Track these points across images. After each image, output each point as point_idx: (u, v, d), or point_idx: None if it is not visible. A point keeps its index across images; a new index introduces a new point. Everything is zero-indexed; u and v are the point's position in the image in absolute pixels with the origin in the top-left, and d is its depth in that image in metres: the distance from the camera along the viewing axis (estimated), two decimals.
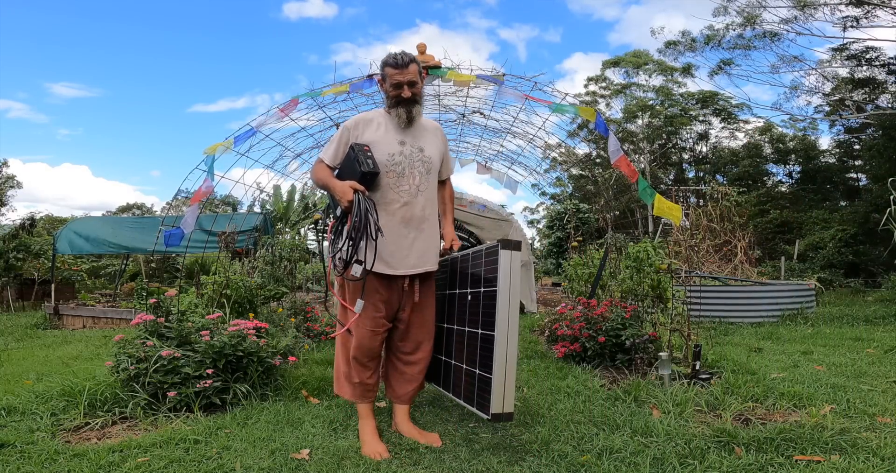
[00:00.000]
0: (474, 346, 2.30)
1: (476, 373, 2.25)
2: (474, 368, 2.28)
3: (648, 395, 3.04)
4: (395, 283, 2.47)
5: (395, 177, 2.44)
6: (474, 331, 2.33)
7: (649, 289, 4.62)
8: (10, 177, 23.50)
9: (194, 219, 4.19)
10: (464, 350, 2.40)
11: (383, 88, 2.55)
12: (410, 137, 2.52)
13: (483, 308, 2.26)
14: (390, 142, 2.47)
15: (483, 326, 2.24)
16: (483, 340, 2.22)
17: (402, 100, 2.46)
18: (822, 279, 10.88)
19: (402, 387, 2.63)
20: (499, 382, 2.05)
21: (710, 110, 23.75)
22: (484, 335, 2.21)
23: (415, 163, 2.48)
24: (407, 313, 2.52)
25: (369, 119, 2.53)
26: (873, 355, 4.29)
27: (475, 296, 2.36)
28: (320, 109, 5.38)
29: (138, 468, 2.20)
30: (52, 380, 3.58)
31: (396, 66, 2.44)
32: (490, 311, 2.18)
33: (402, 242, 2.43)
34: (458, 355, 2.47)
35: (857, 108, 14.04)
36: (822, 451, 2.23)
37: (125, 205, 38.15)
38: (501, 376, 2.06)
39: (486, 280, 2.27)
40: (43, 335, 6.99)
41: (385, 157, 2.43)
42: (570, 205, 15.45)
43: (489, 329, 2.17)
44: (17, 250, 10.57)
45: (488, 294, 2.22)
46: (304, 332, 5.07)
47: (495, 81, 4.63)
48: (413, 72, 2.46)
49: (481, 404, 2.16)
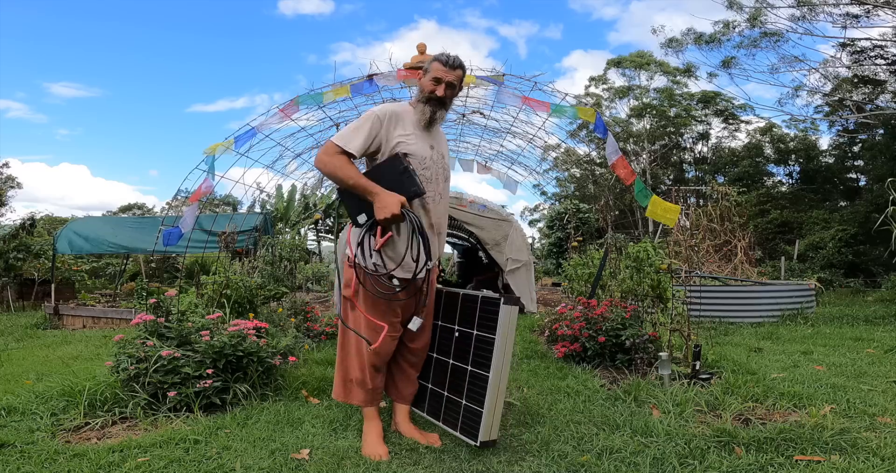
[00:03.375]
0: (461, 379, 2.45)
1: (462, 403, 2.41)
2: (459, 398, 2.44)
3: (648, 395, 3.04)
4: (412, 287, 2.43)
5: (425, 183, 2.37)
6: (462, 366, 2.46)
7: (649, 289, 4.62)
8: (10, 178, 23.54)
9: (193, 219, 4.18)
10: (446, 379, 2.54)
11: (420, 82, 2.46)
12: (436, 142, 2.47)
13: (476, 349, 2.39)
14: (423, 145, 2.41)
15: (474, 365, 2.38)
16: (473, 377, 2.37)
17: (433, 99, 2.40)
18: (822, 279, 10.88)
19: (407, 388, 2.64)
20: (489, 415, 2.26)
21: (712, 110, 23.76)
22: (474, 372, 2.37)
23: (438, 169, 2.45)
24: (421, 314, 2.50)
25: (401, 114, 2.41)
26: (873, 355, 4.28)
27: (465, 336, 2.47)
28: (320, 109, 5.38)
29: (138, 468, 2.20)
30: (52, 380, 3.58)
31: (446, 63, 2.40)
32: (485, 355, 2.32)
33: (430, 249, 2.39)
34: (437, 382, 2.61)
35: (858, 108, 14.03)
36: (822, 451, 2.23)
37: (126, 204, 38.14)
38: (491, 410, 2.27)
39: (482, 325, 2.38)
40: (43, 335, 6.98)
41: (419, 161, 2.37)
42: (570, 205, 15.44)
43: (481, 369, 2.33)
44: (17, 250, 10.56)
45: (484, 339, 2.35)
46: (304, 332, 5.07)
47: (495, 82, 4.62)
48: (457, 76, 2.42)
49: (468, 431, 2.33)
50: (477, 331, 2.40)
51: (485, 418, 2.24)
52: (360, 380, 2.49)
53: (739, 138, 24.60)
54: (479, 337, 2.38)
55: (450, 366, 2.52)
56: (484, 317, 2.38)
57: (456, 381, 2.47)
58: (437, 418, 2.55)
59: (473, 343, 2.40)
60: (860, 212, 14.65)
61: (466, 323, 2.48)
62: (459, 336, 2.50)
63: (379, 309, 2.38)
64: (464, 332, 2.48)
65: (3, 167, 23.29)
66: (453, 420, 2.44)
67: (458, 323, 2.53)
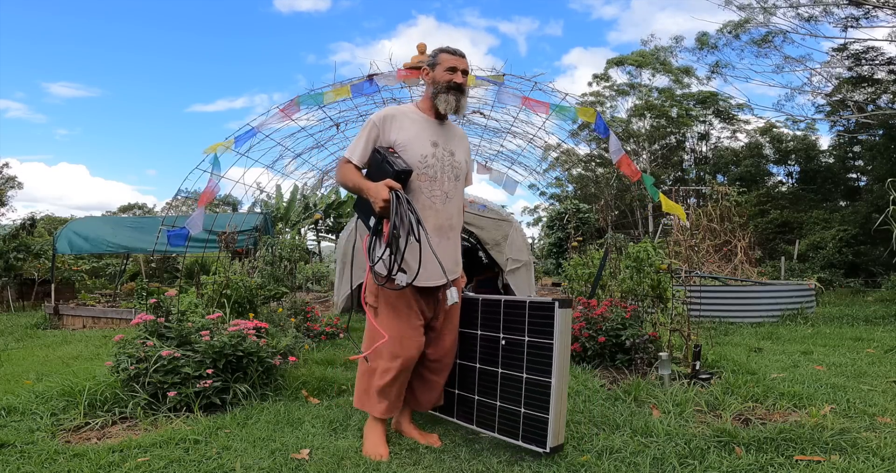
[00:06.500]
0: (515, 388, 2.38)
1: (521, 412, 2.35)
2: (516, 407, 2.37)
3: (648, 395, 3.04)
4: (431, 294, 2.41)
5: (427, 181, 2.33)
6: (514, 374, 2.39)
7: (649, 289, 4.62)
8: (10, 178, 23.55)
9: (201, 221, 4.15)
10: (496, 389, 2.47)
11: (430, 77, 2.44)
12: (442, 139, 2.42)
13: (531, 355, 2.34)
14: (423, 142, 2.36)
15: (530, 371, 2.33)
16: (531, 384, 2.32)
17: (453, 87, 2.37)
18: (822, 279, 10.87)
19: (425, 395, 2.58)
20: (555, 421, 2.23)
21: (711, 110, 23.76)
22: (531, 380, 2.32)
23: (445, 168, 2.38)
24: (440, 321, 2.47)
25: (397, 115, 2.40)
26: (873, 355, 4.28)
27: (514, 343, 2.41)
28: (320, 109, 5.38)
29: (138, 468, 2.20)
30: (52, 380, 3.58)
31: (455, 53, 2.43)
32: (541, 361, 2.29)
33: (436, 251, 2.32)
34: (485, 392, 2.53)
35: (858, 108, 14.03)
36: (822, 451, 2.23)
37: (125, 204, 38.17)
38: (557, 415, 2.24)
39: (534, 331, 2.33)
40: (43, 335, 6.98)
41: (417, 159, 2.32)
42: (570, 205, 15.43)
43: (539, 375, 2.29)
44: (17, 250, 10.55)
45: (539, 345, 2.31)
46: (304, 332, 5.07)
47: (495, 82, 4.62)
48: (467, 64, 2.45)
49: (532, 439, 2.29)
50: (529, 338, 2.34)
51: (551, 424, 2.21)
52: (382, 389, 2.40)
53: (740, 138, 24.62)
54: (532, 343, 2.33)
55: (499, 375, 2.46)
56: (536, 323, 2.32)
57: (509, 390, 2.40)
58: (489, 429, 2.47)
59: (526, 349, 2.35)
60: (860, 212, 14.64)
61: (514, 331, 2.41)
62: (507, 344, 2.43)
63: (400, 313, 2.34)
64: (512, 340, 2.41)
65: (4, 167, 23.32)
66: (511, 429, 2.37)
67: (504, 330, 2.45)
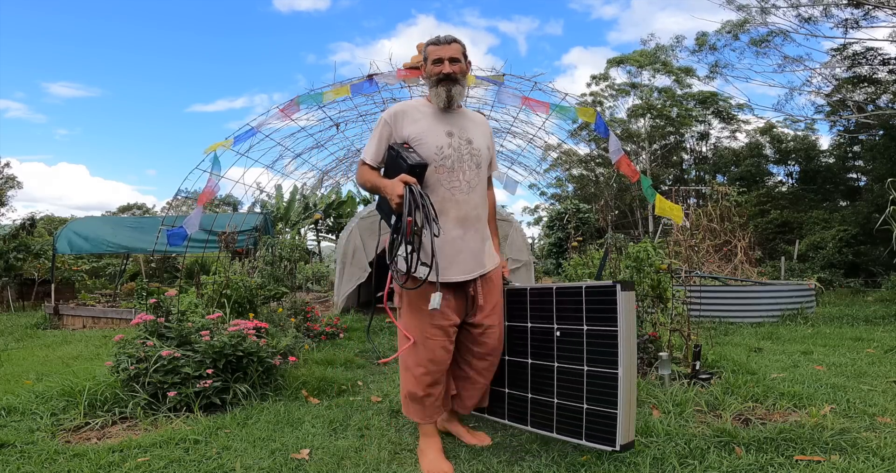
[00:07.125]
0: (575, 383, 2.22)
1: (583, 408, 2.18)
2: (578, 403, 2.20)
3: (648, 395, 3.04)
4: (461, 290, 2.31)
5: (445, 173, 2.25)
6: (574, 367, 2.22)
7: (649, 289, 4.61)
8: (10, 178, 23.56)
9: (199, 220, 4.17)
10: (553, 385, 2.30)
11: (425, 72, 2.40)
12: (457, 128, 2.34)
13: (592, 345, 2.16)
14: (437, 133, 2.28)
15: (591, 363, 2.16)
16: (592, 377, 2.15)
17: (442, 78, 2.30)
18: (822, 279, 10.87)
19: (471, 398, 2.49)
20: (624, 415, 2.06)
21: (711, 110, 23.76)
22: (593, 372, 2.15)
23: (464, 157, 2.29)
24: (480, 317, 2.35)
25: (408, 110, 2.34)
26: (873, 355, 4.28)
27: (571, 333, 2.24)
28: (320, 109, 5.38)
29: (138, 468, 2.20)
30: (52, 380, 3.58)
31: (438, 43, 2.35)
32: (603, 350, 2.12)
33: (459, 244, 2.25)
34: (540, 389, 2.36)
35: (858, 108, 14.03)
36: (822, 451, 2.23)
37: (125, 205, 38.18)
38: (626, 409, 2.07)
39: (594, 318, 2.16)
40: (43, 335, 6.98)
41: (433, 151, 2.25)
42: (571, 205, 15.43)
43: (603, 366, 2.11)
44: (17, 250, 10.55)
45: (599, 333, 2.13)
46: (304, 332, 5.07)
47: (495, 83, 4.63)
48: (455, 49, 2.33)
49: (598, 437, 2.13)
50: (588, 326, 2.16)
51: (620, 419, 2.03)
52: (414, 394, 2.31)
53: (740, 138, 24.63)
54: (591, 331, 2.14)
55: (555, 370, 2.29)
56: (595, 309, 2.14)
57: (568, 385, 2.23)
58: (547, 429, 2.32)
59: (585, 339, 2.17)
60: (860, 212, 14.63)
61: (570, 319, 2.23)
62: (562, 335, 2.26)
63: (423, 314, 2.23)
64: (568, 330, 2.24)
65: (4, 167, 23.33)
66: (573, 428, 2.21)
67: (558, 321, 2.28)
